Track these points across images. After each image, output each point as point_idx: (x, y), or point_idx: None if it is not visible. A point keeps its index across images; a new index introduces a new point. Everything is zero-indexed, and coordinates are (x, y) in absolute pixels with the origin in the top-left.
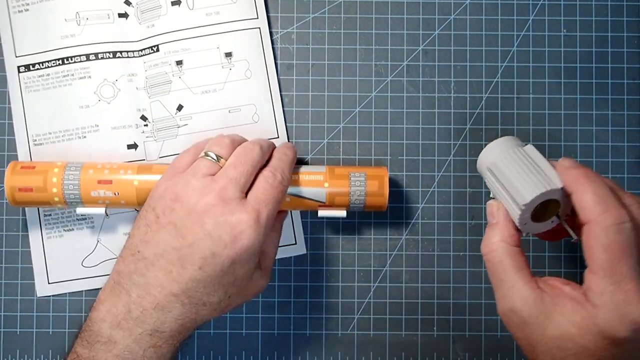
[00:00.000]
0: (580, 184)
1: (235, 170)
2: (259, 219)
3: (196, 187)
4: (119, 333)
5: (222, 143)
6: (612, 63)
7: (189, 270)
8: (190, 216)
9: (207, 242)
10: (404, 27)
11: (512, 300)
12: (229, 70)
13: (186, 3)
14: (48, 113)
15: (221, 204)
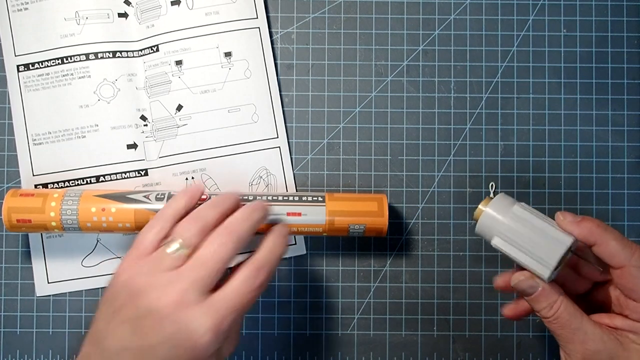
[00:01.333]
0: (599, 235)
1: (202, 271)
2: (221, 325)
3: (157, 284)
4: None
5: (190, 230)
6: (612, 63)
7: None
8: (151, 315)
9: (166, 347)
10: (404, 27)
11: (591, 345)
12: (229, 70)
13: (186, 3)
14: (47, 112)
15: (181, 309)
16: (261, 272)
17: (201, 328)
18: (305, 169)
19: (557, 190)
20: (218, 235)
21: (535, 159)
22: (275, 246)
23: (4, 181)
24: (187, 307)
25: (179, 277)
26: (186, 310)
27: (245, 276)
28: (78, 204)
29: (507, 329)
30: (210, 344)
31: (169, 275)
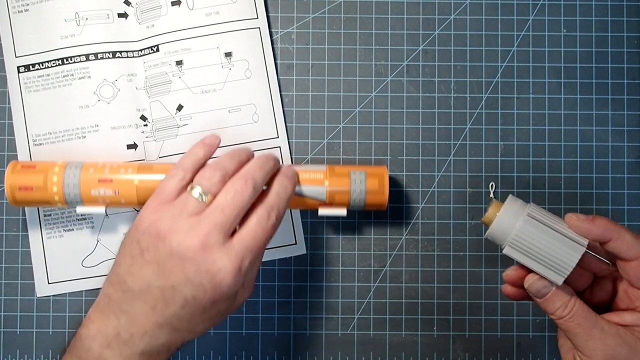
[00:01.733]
0: (614, 230)
1: (222, 215)
2: (241, 267)
3: (180, 228)
4: (109, 352)
5: (212, 178)
6: (612, 63)
7: (172, 308)
8: (173, 258)
9: (189, 287)
10: (404, 27)
11: (611, 340)
12: (229, 70)
13: (186, 3)
14: (48, 113)
15: (203, 251)
16: (272, 213)
17: (223, 269)
18: None
19: (557, 190)
20: (236, 182)
21: (535, 159)
22: (282, 188)
23: (3, 181)
24: (209, 250)
25: (200, 222)
26: (208, 252)
27: (258, 218)
28: (80, 173)
29: (507, 329)
30: (231, 284)
31: (191, 220)
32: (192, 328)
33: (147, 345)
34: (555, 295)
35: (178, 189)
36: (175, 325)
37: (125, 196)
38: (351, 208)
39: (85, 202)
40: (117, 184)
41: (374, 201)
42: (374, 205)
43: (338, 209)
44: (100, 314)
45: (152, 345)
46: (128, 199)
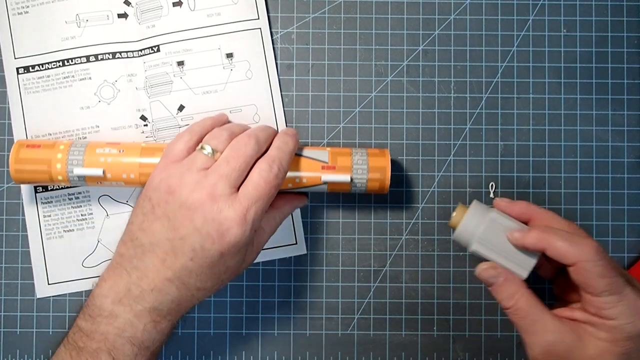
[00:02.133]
0: (544, 241)
1: (228, 166)
2: (246, 216)
3: (189, 181)
4: (120, 308)
5: (220, 137)
6: (612, 63)
7: (181, 260)
8: (182, 210)
9: (197, 237)
10: (404, 27)
11: (549, 336)
12: (230, 71)
13: (187, 4)
14: (47, 114)
15: (210, 201)
16: (274, 165)
17: (229, 217)
18: None
19: (557, 190)
20: (240, 137)
21: (535, 159)
22: (283, 142)
23: (4, 181)
24: (215, 201)
25: (207, 175)
26: (214, 203)
27: (260, 170)
28: (85, 147)
29: (507, 329)
30: (238, 233)
31: (199, 174)
32: (201, 285)
33: (157, 301)
34: (501, 287)
35: (186, 149)
36: (184, 280)
37: (128, 153)
38: (353, 177)
39: (86, 161)
40: (123, 145)
41: (377, 164)
42: (377, 180)
43: (341, 174)
44: (113, 272)
45: (161, 300)
46: (131, 155)
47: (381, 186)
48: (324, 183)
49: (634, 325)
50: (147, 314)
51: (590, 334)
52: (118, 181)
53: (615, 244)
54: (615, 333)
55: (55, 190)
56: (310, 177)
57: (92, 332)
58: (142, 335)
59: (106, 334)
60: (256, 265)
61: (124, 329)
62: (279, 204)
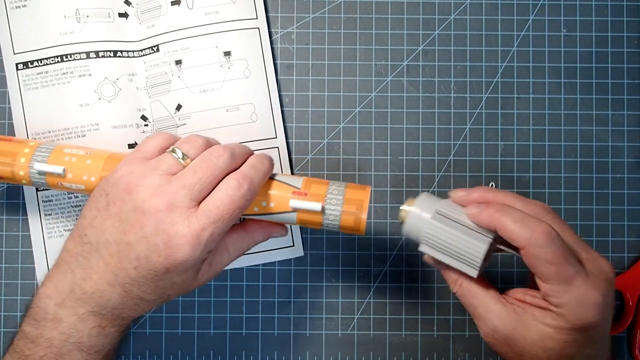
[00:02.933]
0: (497, 220)
1: (194, 176)
2: (200, 236)
3: (150, 184)
4: (63, 311)
5: (194, 143)
6: (612, 63)
7: (125, 266)
8: (135, 213)
9: (143, 246)
10: (404, 27)
11: (490, 320)
12: (228, 70)
13: (186, 3)
14: (47, 111)
15: (166, 210)
16: (244, 182)
17: (179, 233)
18: (305, 169)
19: (557, 190)
20: (214, 148)
21: (535, 159)
22: (259, 162)
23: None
24: (171, 211)
25: (171, 181)
26: (169, 213)
27: (228, 185)
28: (55, 146)
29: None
30: (187, 252)
31: (162, 178)
32: (144, 295)
33: (98, 305)
34: (445, 274)
35: (159, 148)
36: (126, 288)
37: (94, 157)
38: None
39: (51, 159)
40: (92, 150)
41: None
42: (353, 202)
43: (312, 201)
44: (57, 270)
45: (103, 305)
46: (96, 158)
47: (357, 222)
48: (293, 210)
49: (579, 317)
50: (92, 317)
51: (536, 318)
52: (78, 184)
53: (615, 244)
54: (559, 321)
55: None
56: (279, 202)
57: (37, 338)
58: (89, 340)
59: (52, 339)
60: (256, 266)
61: (69, 334)
62: (253, 227)
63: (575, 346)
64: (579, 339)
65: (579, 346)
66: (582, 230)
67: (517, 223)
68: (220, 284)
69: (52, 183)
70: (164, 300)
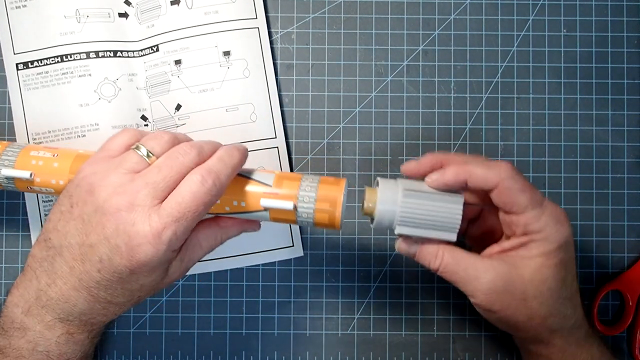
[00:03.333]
0: (463, 172)
1: (158, 174)
2: (162, 235)
3: (112, 182)
4: (30, 320)
5: (160, 139)
6: (612, 63)
7: (89, 270)
8: (97, 214)
9: (105, 247)
10: (404, 27)
11: (484, 277)
12: (227, 69)
13: (185, 2)
14: (47, 111)
15: (127, 210)
16: (208, 177)
17: (140, 233)
18: (305, 169)
19: (557, 190)
20: (182, 145)
21: (535, 159)
22: (227, 154)
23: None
24: (132, 210)
25: (134, 180)
26: (130, 212)
27: (191, 181)
28: (22, 149)
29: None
30: (148, 253)
31: (125, 177)
32: (112, 299)
33: (65, 312)
34: (422, 252)
35: (125, 145)
36: (92, 292)
37: (61, 159)
38: (299, 204)
39: (18, 163)
40: (59, 150)
41: (327, 192)
42: (327, 199)
43: (284, 200)
44: (24, 276)
45: (70, 311)
46: (63, 160)
47: (331, 219)
48: (265, 209)
49: (560, 233)
50: (58, 325)
51: (523, 256)
52: (47, 187)
53: (615, 244)
54: (546, 245)
55: None
56: (250, 201)
57: (5, 348)
58: (58, 348)
59: (20, 349)
60: (256, 266)
61: (36, 342)
62: (226, 223)
63: (564, 266)
64: (564, 257)
65: (566, 265)
66: (582, 230)
67: (483, 167)
68: (220, 284)
69: (22, 187)
70: (135, 302)
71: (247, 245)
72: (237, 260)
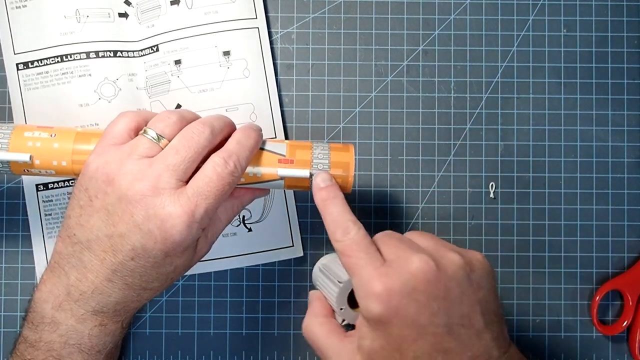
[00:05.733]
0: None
1: (176, 156)
2: (194, 213)
3: (130, 170)
4: (61, 314)
5: (167, 120)
6: (612, 63)
7: (122, 260)
8: (122, 203)
9: (137, 235)
10: (404, 27)
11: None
12: (227, 69)
13: (185, 2)
14: (47, 111)
15: (153, 194)
16: (230, 160)
17: (173, 214)
18: None
19: (557, 190)
20: (193, 125)
21: (535, 159)
22: (244, 136)
23: (4, 181)
24: (159, 194)
25: (152, 164)
26: (157, 196)
27: (215, 163)
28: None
29: (507, 329)
30: (183, 231)
31: (142, 162)
32: (146, 285)
33: (99, 304)
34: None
35: (127, 131)
36: (127, 280)
37: (61, 138)
38: (314, 172)
39: (12, 145)
40: (56, 130)
41: (339, 159)
42: (340, 165)
43: (299, 168)
44: (51, 273)
45: (104, 303)
46: (63, 140)
47: (344, 184)
48: (281, 178)
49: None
50: (91, 317)
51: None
52: (48, 169)
53: (615, 244)
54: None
55: (55, 189)
56: (266, 172)
57: (36, 342)
58: (90, 340)
59: (51, 343)
60: (256, 266)
61: (68, 336)
62: (239, 192)
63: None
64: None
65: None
66: (582, 230)
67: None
68: (220, 284)
69: (18, 171)
70: (168, 285)
71: (247, 245)
72: (237, 260)
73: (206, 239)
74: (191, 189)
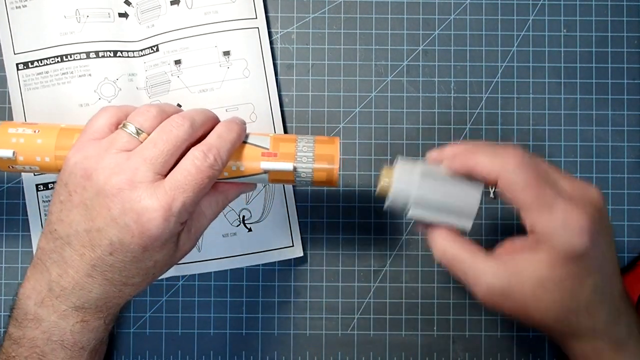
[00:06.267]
0: (468, 159)
1: (154, 149)
2: (171, 207)
3: (107, 164)
4: (43, 311)
5: (147, 114)
6: (612, 63)
7: (100, 254)
8: (99, 197)
9: (114, 229)
10: (404, 27)
11: (484, 282)
12: (227, 69)
13: (185, 2)
14: (47, 111)
15: (130, 188)
16: (210, 152)
17: (149, 207)
18: None
19: None
20: (173, 117)
21: None
22: (226, 130)
23: (4, 181)
24: (136, 188)
25: (129, 157)
26: (134, 190)
27: (194, 156)
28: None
29: (507, 329)
30: (160, 225)
31: (120, 156)
32: (127, 280)
33: (80, 299)
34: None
35: (108, 125)
36: (106, 276)
37: (44, 135)
38: (298, 165)
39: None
40: (40, 126)
41: (324, 151)
42: (324, 158)
43: (283, 161)
44: (34, 269)
45: (85, 298)
46: (47, 136)
47: (329, 177)
48: (264, 172)
49: (568, 242)
50: (73, 313)
51: (527, 260)
52: (31, 165)
53: (615, 244)
54: (551, 253)
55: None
56: (249, 165)
57: (20, 339)
58: (72, 336)
59: (34, 339)
60: (256, 266)
61: (51, 332)
62: (224, 187)
63: (573, 279)
64: (573, 270)
65: (578, 278)
66: None
67: (488, 156)
68: (220, 284)
69: (3, 167)
70: (150, 281)
71: (247, 245)
72: (237, 260)
73: (189, 233)
74: (169, 182)
